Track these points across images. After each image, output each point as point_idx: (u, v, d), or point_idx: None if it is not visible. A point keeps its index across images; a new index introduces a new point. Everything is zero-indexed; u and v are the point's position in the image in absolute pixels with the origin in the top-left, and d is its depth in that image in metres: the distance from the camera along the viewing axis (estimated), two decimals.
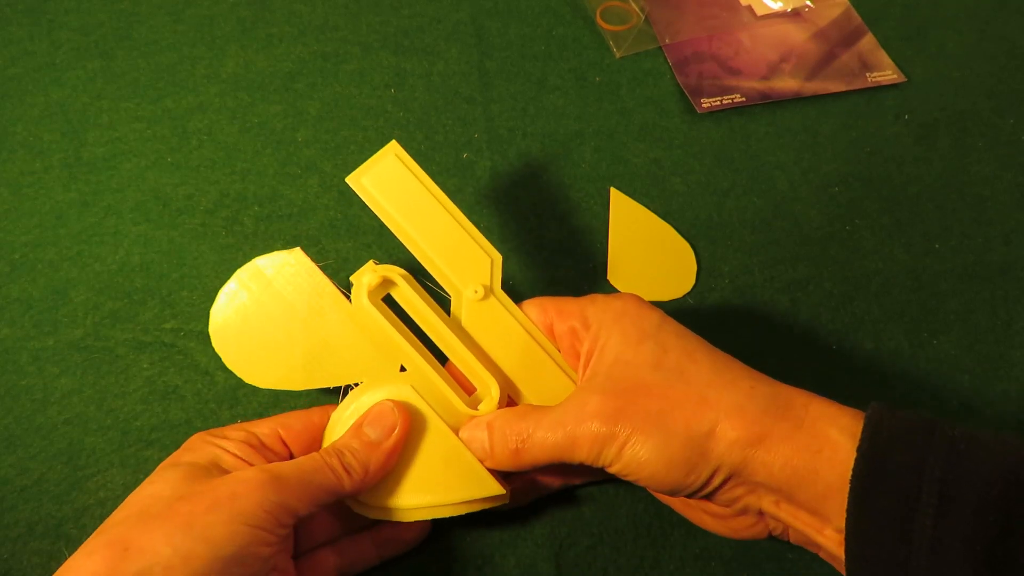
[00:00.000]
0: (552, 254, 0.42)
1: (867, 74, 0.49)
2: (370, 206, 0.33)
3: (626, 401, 0.28)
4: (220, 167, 0.44)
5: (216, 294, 0.32)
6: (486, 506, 0.32)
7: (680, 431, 0.27)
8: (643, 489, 0.35)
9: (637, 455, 0.28)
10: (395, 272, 0.33)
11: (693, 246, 0.42)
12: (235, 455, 0.30)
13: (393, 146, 0.33)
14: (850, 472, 0.25)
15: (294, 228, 0.42)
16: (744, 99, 0.48)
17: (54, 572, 0.25)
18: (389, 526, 0.33)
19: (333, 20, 0.51)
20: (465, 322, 0.33)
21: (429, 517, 0.31)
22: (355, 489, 0.29)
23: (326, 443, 0.32)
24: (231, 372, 0.36)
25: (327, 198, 0.43)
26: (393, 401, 0.31)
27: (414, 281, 0.33)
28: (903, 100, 0.49)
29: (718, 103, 0.47)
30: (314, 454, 0.30)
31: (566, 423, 0.29)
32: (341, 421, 0.32)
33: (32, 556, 0.33)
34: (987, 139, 0.47)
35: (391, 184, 0.33)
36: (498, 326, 0.33)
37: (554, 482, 0.34)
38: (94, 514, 0.34)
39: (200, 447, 0.31)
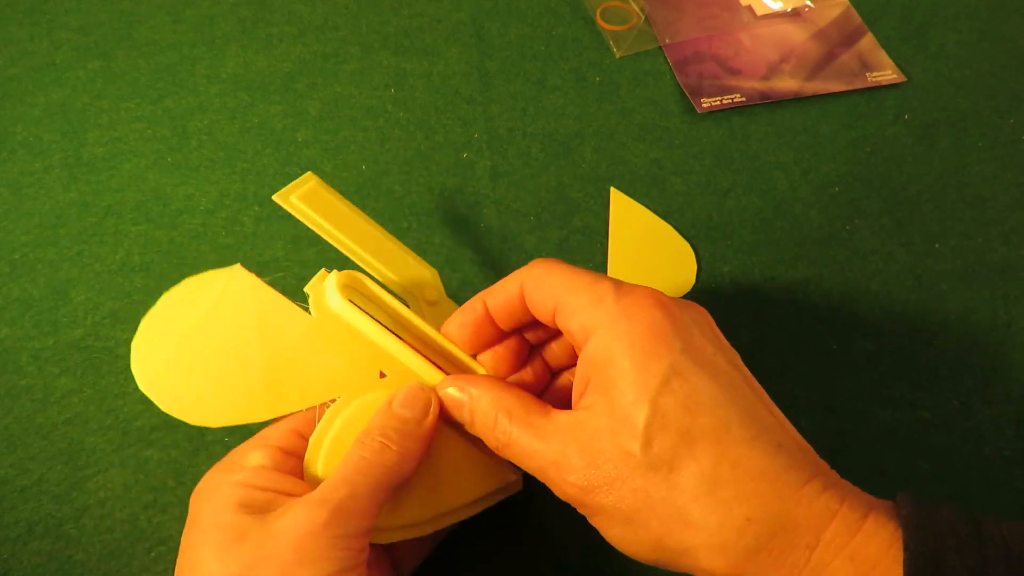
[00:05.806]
0: (552, 254, 0.42)
1: (867, 74, 0.49)
2: (305, 221, 0.33)
3: (600, 481, 0.24)
4: (220, 167, 0.44)
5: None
6: (501, 497, 0.31)
7: (651, 539, 0.24)
8: None
9: (605, 530, 0.25)
10: (356, 274, 0.30)
11: (693, 246, 0.42)
12: (267, 489, 0.25)
13: (311, 175, 0.35)
14: None
15: (294, 228, 0.42)
16: (744, 99, 0.48)
17: (54, 572, 0.25)
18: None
19: (333, 20, 0.51)
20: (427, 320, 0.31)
21: (449, 523, 0.29)
22: (411, 471, 0.26)
23: (317, 469, 0.27)
24: None
25: None
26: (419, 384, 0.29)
27: (372, 280, 0.31)
28: (903, 100, 0.49)
29: (718, 103, 0.47)
30: (351, 453, 0.26)
31: (547, 467, 0.25)
32: (329, 441, 0.28)
33: (32, 556, 0.33)
34: (987, 139, 0.47)
35: (319, 205, 0.34)
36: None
37: None
38: (94, 514, 0.34)
39: (222, 493, 0.25)
